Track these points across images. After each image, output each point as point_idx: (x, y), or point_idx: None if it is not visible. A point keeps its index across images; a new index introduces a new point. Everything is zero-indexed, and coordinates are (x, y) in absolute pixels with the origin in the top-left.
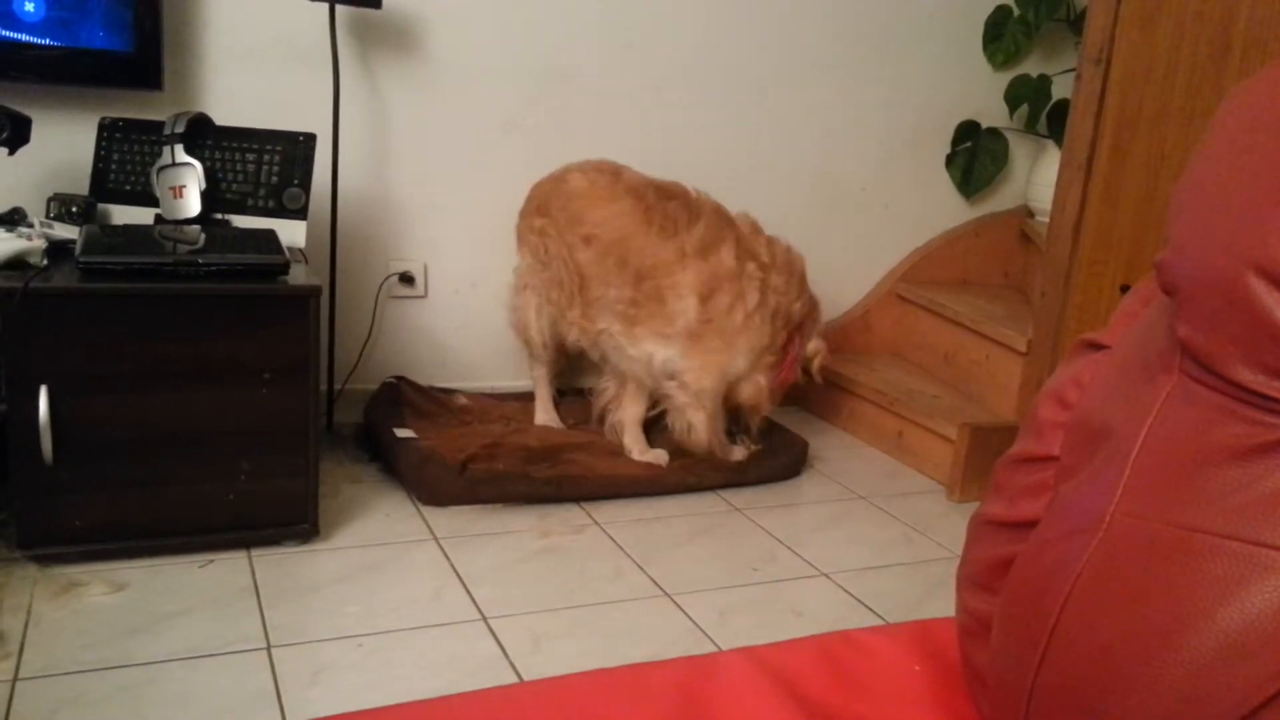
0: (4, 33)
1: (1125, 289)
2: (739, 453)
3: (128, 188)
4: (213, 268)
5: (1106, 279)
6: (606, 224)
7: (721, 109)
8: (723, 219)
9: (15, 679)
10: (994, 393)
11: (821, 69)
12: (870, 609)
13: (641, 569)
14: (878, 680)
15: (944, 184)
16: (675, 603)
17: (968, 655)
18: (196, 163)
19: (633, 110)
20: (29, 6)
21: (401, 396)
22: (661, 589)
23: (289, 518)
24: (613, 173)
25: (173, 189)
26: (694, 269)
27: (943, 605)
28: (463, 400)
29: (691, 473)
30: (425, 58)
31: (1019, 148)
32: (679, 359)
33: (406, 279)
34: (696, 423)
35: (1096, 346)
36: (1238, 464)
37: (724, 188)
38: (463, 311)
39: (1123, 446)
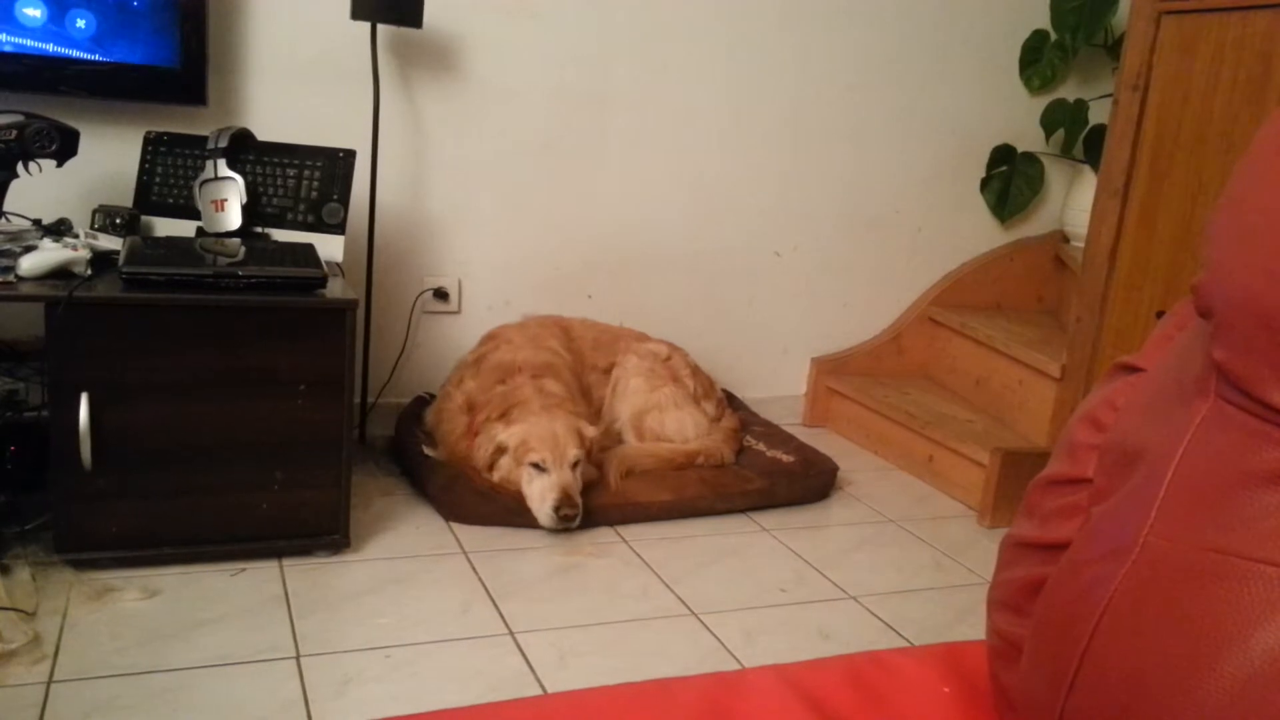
0: (57, 49)
1: (1161, 315)
2: None
3: (170, 200)
4: (252, 280)
5: (1143, 305)
6: None
7: (755, 131)
8: None
9: (50, 681)
10: (1027, 418)
11: (856, 92)
12: (899, 633)
13: (669, 588)
14: (906, 701)
15: (979, 208)
16: (702, 622)
17: (998, 677)
18: (238, 177)
19: (667, 132)
20: (80, 23)
21: None
22: (689, 608)
23: (321, 528)
24: None
25: (214, 202)
26: None
27: (972, 631)
28: None
29: (721, 498)
30: (464, 77)
31: (1055, 172)
32: None
33: (441, 294)
34: None
35: (1132, 369)
36: (1273, 488)
37: (757, 209)
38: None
39: (1157, 469)
